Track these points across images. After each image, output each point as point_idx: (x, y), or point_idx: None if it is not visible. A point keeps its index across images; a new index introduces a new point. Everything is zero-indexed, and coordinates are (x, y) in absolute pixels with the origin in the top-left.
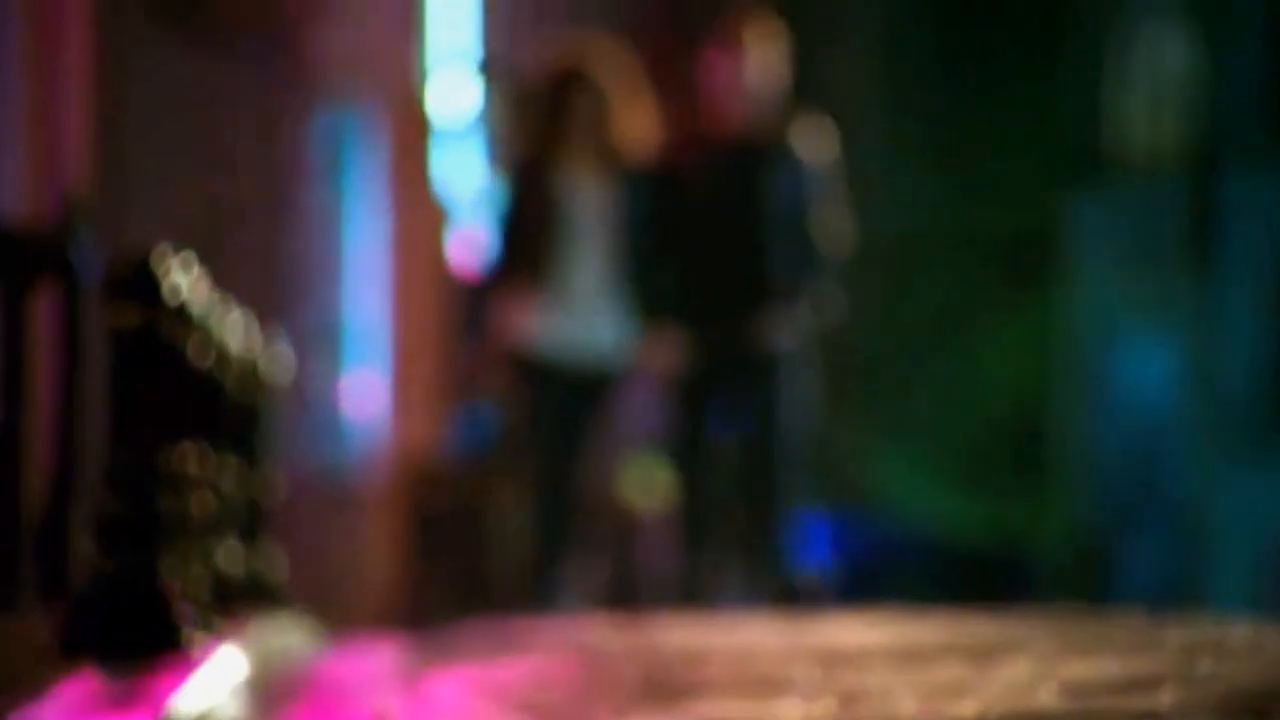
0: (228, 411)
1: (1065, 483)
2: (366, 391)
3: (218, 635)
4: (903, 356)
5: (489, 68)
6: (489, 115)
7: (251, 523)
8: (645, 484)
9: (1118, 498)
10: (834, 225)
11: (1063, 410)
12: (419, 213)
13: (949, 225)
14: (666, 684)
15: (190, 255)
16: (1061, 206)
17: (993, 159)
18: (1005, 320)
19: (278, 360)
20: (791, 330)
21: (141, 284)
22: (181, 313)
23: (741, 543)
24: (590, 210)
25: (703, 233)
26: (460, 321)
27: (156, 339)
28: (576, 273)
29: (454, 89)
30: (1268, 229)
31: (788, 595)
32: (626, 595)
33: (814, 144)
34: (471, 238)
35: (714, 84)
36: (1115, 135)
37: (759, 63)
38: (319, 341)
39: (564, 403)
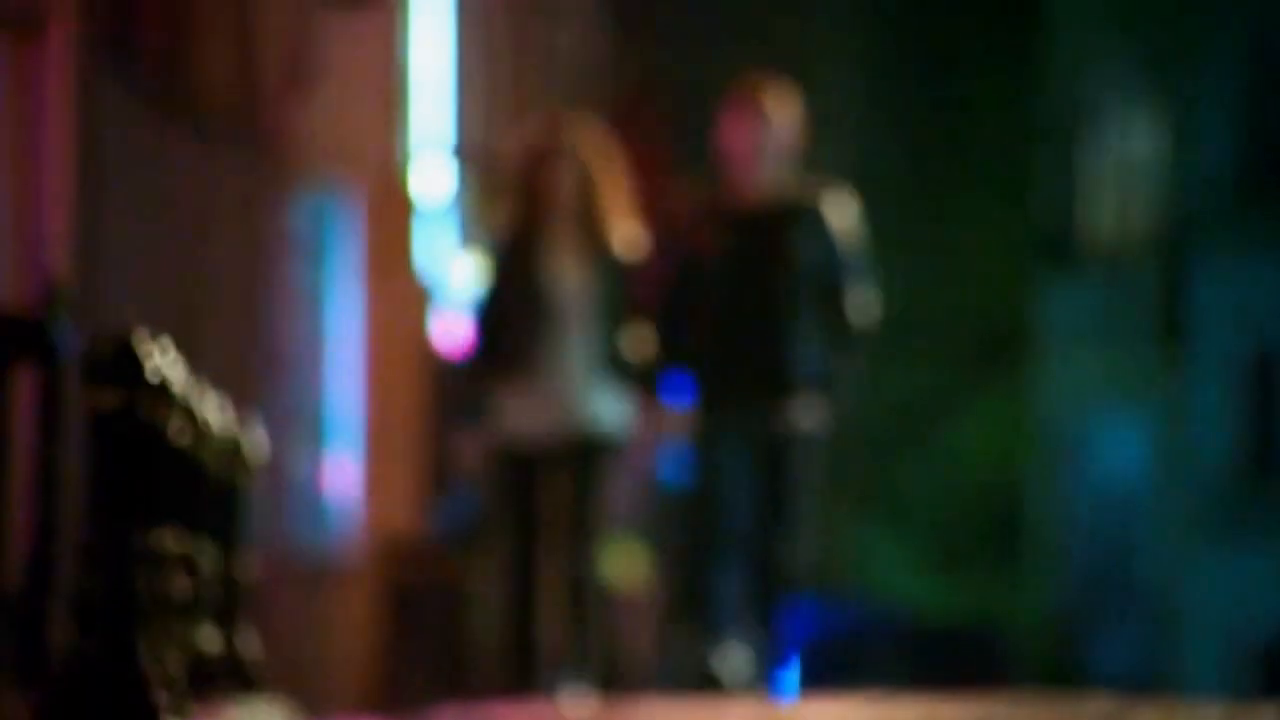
0: (206, 492)
1: (1039, 564)
2: (345, 472)
3: (194, 717)
4: (878, 438)
5: (464, 152)
6: (465, 199)
7: (229, 604)
8: (626, 564)
9: (1091, 579)
10: (863, 298)
11: (1037, 492)
12: (399, 295)
13: (924, 310)
14: None
15: (168, 338)
16: (1034, 291)
17: (966, 244)
18: (980, 403)
19: (256, 441)
20: (818, 413)
21: (121, 365)
22: (161, 394)
23: (744, 617)
24: (573, 290)
25: (726, 308)
26: (444, 404)
27: (136, 420)
28: (559, 355)
29: (433, 172)
30: (1236, 312)
31: (713, 682)
32: (608, 675)
33: (838, 211)
34: (453, 320)
35: (732, 150)
36: (1086, 220)
37: (777, 127)
38: (298, 422)
39: (542, 486)
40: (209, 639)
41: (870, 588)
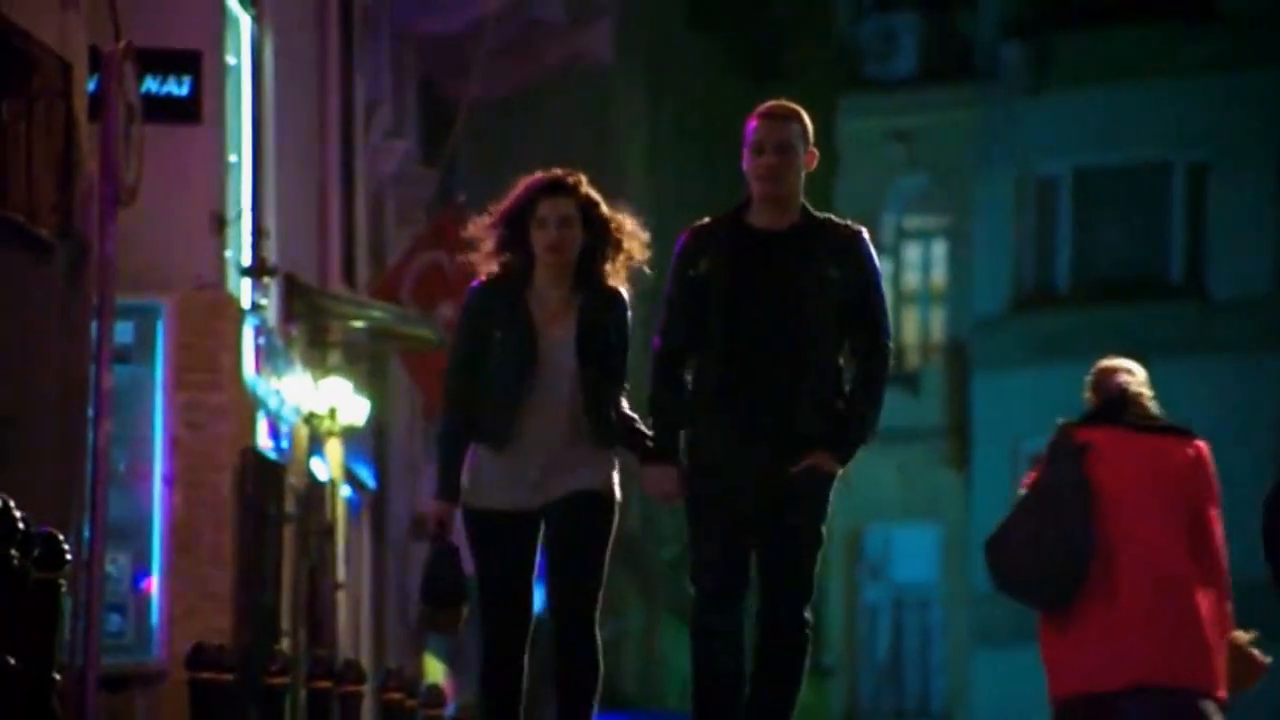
0: (20, 595)
1: (838, 666)
2: (161, 577)
3: None
4: (679, 549)
5: (275, 268)
6: (274, 308)
7: (40, 704)
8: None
9: (884, 684)
10: (885, 335)
11: (837, 597)
12: (218, 403)
13: None
14: None
15: None
16: None
17: None
18: None
19: (70, 546)
20: (838, 461)
21: None
22: None
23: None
24: (556, 344)
25: (744, 343)
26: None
27: None
28: (540, 414)
29: (253, 281)
30: (1014, 423)
31: None
32: None
33: (859, 242)
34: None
35: (753, 174)
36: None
37: (796, 148)
38: (113, 526)
39: (522, 555)
40: None
41: (675, 697)
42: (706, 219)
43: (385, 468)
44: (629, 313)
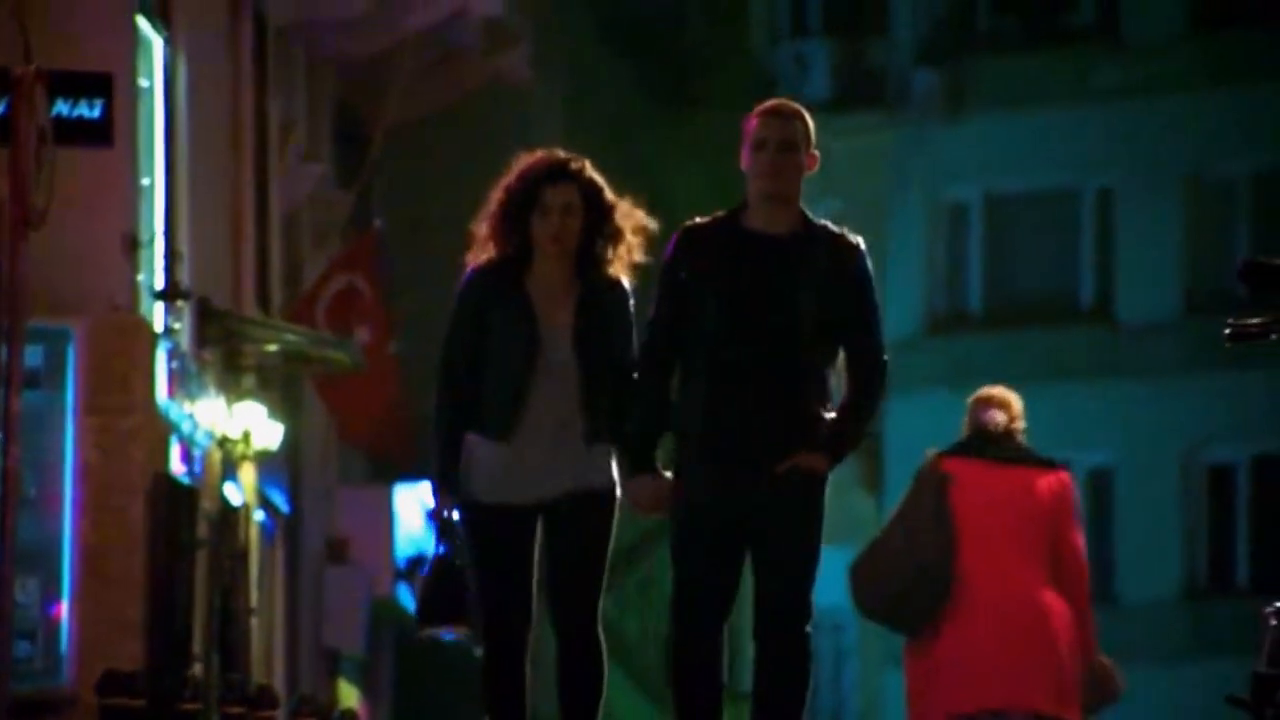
0: None
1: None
2: (71, 602)
3: None
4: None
5: (188, 291)
6: (187, 332)
7: None
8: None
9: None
10: (882, 350)
11: (749, 622)
12: (129, 427)
13: None
14: None
15: None
16: None
17: None
18: None
19: None
20: (827, 461)
21: None
22: None
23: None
24: (557, 331)
25: (739, 352)
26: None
27: None
28: (541, 404)
29: (166, 305)
30: (926, 444)
31: None
32: None
33: (857, 253)
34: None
35: (754, 171)
36: None
37: (798, 147)
38: (22, 551)
39: (523, 551)
40: None
41: None
42: (698, 219)
43: (299, 492)
44: (631, 300)
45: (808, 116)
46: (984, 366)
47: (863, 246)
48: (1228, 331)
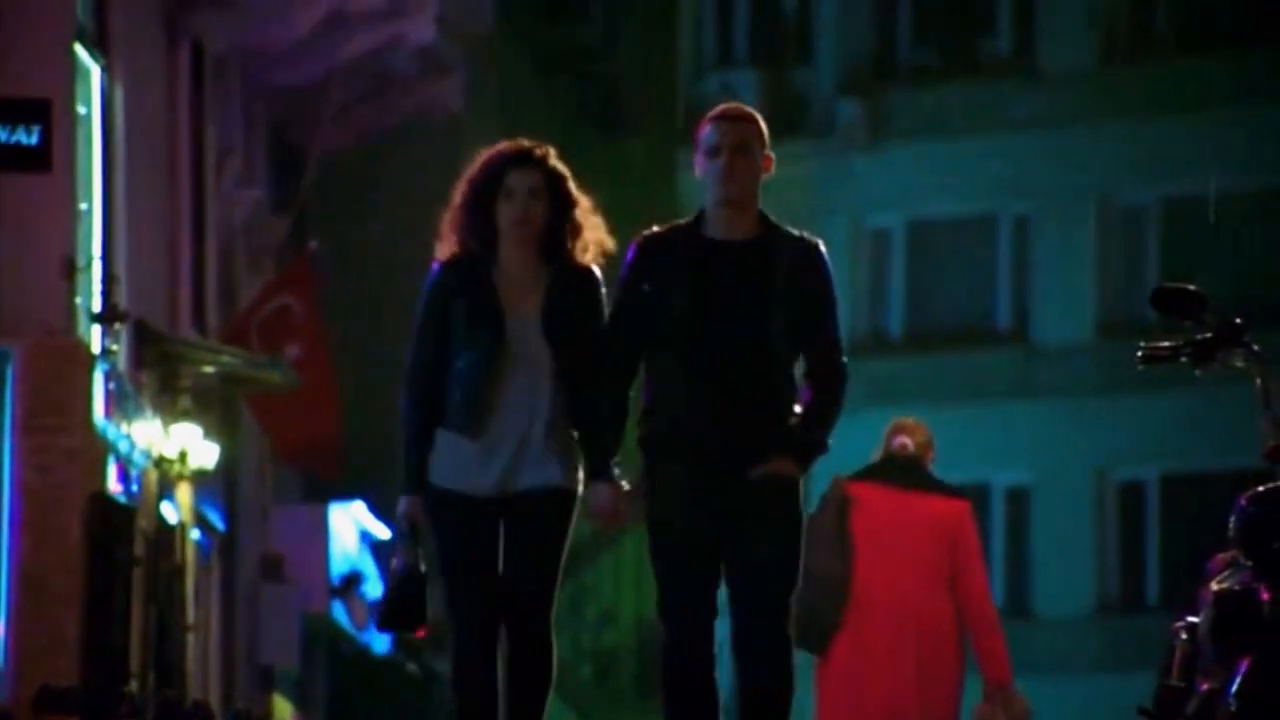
0: None
1: None
2: (8, 620)
3: None
4: None
5: (125, 314)
6: (125, 354)
7: None
8: None
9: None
10: (841, 352)
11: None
12: (67, 448)
13: None
14: None
15: None
16: None
17: None
18: (623, 551)
19: None
20: (797, 466)
21: None
22: None
23: None
24: (525, 320)
25: (706, 362)
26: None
27: None
28: (509, 395)
29: (104, 327)
30: (847, 467)
31: None
32: None
33: (818, 255)
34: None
35: (709, 177)
36: None
37: (753, 150)
38: None
39: (490, 541)
40: None
41: None
42: (656, 228)
43: (235, 511)
44: (602, 290)
45: (760, 119)
46: (904, 389)
47: (823, 248)
48: (1140, 354)
